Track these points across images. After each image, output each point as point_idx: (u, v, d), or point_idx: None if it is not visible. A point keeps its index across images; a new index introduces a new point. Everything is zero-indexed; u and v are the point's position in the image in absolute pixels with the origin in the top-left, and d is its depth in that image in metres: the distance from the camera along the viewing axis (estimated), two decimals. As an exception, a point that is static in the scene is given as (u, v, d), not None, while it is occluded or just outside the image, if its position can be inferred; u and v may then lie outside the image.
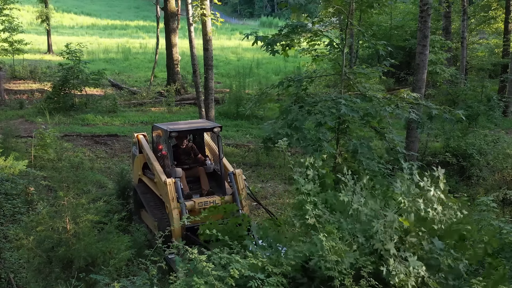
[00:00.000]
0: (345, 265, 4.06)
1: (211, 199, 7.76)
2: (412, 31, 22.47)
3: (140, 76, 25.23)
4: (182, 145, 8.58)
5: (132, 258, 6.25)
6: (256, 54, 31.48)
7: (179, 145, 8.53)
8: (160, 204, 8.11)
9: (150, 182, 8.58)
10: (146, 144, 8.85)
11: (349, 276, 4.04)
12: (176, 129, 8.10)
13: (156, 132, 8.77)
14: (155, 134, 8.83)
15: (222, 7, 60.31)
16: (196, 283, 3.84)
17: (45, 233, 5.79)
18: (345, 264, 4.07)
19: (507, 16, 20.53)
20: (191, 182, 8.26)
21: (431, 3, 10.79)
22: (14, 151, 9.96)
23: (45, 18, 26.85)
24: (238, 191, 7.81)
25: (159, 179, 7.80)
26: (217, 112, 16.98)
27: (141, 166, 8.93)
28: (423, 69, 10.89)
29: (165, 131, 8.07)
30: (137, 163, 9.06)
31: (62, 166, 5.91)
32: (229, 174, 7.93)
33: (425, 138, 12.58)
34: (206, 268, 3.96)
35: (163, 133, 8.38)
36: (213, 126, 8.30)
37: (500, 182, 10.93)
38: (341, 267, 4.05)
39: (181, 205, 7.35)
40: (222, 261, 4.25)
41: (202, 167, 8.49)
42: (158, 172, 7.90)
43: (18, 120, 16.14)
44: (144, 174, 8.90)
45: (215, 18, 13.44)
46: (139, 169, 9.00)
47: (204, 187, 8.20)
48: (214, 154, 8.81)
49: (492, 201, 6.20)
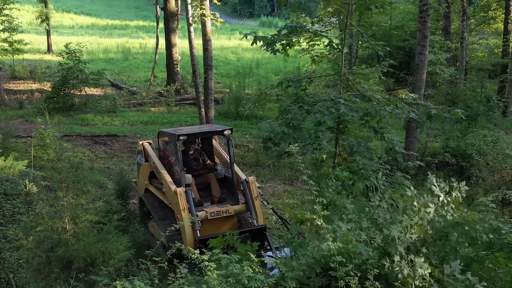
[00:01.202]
0: (350, 267, 4.05)
1: (223, 208, 7.37)
2: (411, 31, 22.49)
3: (140, 76, 25.24)
4: (190, 150, 8.18)
5: (131, 258, 6.26)
6: (256, 54, 31.49)
7: (187, 151, 8.08)
8: (170, 214, 7.71)
9: (157, 191, 8.18)
10: (152, 152, 8.46)
11: (354, 278, 4.03)
12: (185, 132, 7.66)
13: (163, 139, 8.38)
14: (161, 141, 8.42)
15: (222, 7, 60.33)
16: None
17: (45, 234, 5.79)
18: (351, 265, 4.06)
19: (506, 16, 20.54)
20: (201, 190, 7.86)
21: (430, 3, 10.81)
22: (13, 151, 9.95)
23: (44, 18, 26.87)
24: (252, 200, 7.44)
25: (168, 188, 7.38)
26: (217, 112, 16.99)
27: (147, 175, 8.53)
28: (423, 69, 10.91)
29: (173, 135, 7.65)
30: (143, 172, 8.64)
31: (61, 166, 5.90)
32: (242, 182, 7.55)
33: (425, 139, 12.58)
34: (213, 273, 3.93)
35: (170, 138, 7.97)
36: (223, 129, 7.84)
37: (500, 182, 10.93)
38: (347, 268, 4.04)
39: (193, 215, 6.93)
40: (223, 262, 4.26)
41: (212, 173, 8.10)
42: (166, 181, 7.50)
43: (18, 120, 16.14)
44: (150, 183, 8.49)
45: (214, 18, 13.44)
46: (145, 178, 8.58)
47: (215, 193, 7.81)
48: (223, 160, 8.45)
49: (491, 201, 6.19)
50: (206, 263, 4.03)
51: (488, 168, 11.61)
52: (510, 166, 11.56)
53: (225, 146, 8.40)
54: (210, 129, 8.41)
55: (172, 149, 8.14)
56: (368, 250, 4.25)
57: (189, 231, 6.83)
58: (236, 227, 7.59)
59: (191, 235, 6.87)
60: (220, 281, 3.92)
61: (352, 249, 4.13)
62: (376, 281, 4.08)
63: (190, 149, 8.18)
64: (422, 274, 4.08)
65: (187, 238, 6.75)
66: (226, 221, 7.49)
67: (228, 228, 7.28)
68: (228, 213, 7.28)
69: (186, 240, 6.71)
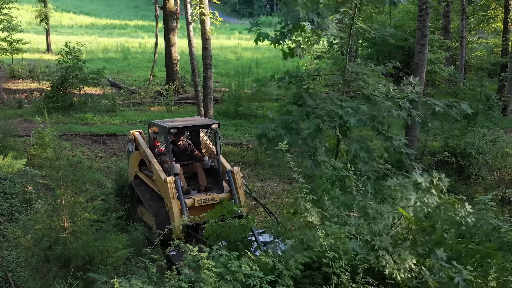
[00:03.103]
0: (342, 262, 4.10)
1: (209, 196, 7.83)
2: (411, 30, 22.48)
3: (139, 75, 25.22)
4: (179, 141, 8.62)
5: (129, 256, 6.25)
6: (255, 53, 31.47)
7: (176, 142, 8.56)
8: (156, 196, 8.17)
9: (147, 178, 8.61)
10: (142, 141, 8.85)
11: (346, 273, 4.07)
12: (175, 125, 8.14)
13: (153, 129, 8.80)
14: (151, 131, 8.85)
15: (221, 6, 60.21)
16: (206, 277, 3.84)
17: (43, 232, 5.78)
18: (343, 260, 4.10)
19: (506, 16, 20.53)
20: (188, 178, 8.31)
21: (430, 2, 10.78)
22: (12, 150, 9.91)
23: (44, 17, 26.85)
24: (236, 189, 7.88)
25: (158, 177, 7.83)
26: (216, 111, 16.97)
27: (137, 163, 8.95)
28: (422, 68, 10.89)
29: (164, 127, 8.08)
30: (134, 160, 9.06)
31: (60, 165, 5.90)
32: (227, 172, 8.01)
33: (424, 137, 12.57)
34: (207, 265, 3.95)
35: (161, 130, 8.40)
36: (211, 122, 8.36)
37: (499, 181, 10.93)
38: (339, 264, 4.09)
39: (181, 203, 7.40)
40: (222, 258, 4.25)
41: (199, 163, 8.56)
42: (157, 170, 7.93)
43: (17, 119, 16.12)
44: (140, 170, 8.91)
45: (214, 18, 13.43)
46: (135, 165, 9.00)
47: (201, 182, 8.27)
48: (210, 152, 8.86)
49: (491, 200, 6.18)
50: (204, 260, 4.01)
51: (487, 167, 11.59)
52: (510, 165, 11.54)
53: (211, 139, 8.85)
54: (199, 123, 8.81)
55: (161, 140, 8.58)
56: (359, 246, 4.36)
57: (177, 217, 7.24)
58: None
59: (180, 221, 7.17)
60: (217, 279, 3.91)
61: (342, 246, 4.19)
62: (367, 275, 4.16)
63: (179, 140, 8.62)
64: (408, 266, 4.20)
65: (176, 225, 7.01)
66: (211, 209, 7.77)
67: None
68: (214, 201, 7.71)
69: (175, 226, 6.94)
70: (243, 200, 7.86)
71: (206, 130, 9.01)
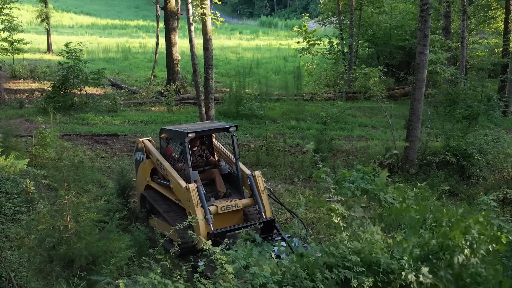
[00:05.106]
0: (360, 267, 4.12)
1: (232, 202, 7.55)
2: (412, 30, 22.48)
3: (140, 75, 25.22)
4: (194, 147, 8.27)
5: (132, 257, 6.26)
6: (256, 54, 31.49)
7: (192, 147, 8.17)
8: (174, 206, 7.86)
9: (161, 188, 8.23)
10: (153, 149, 8.49)
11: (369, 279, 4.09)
12: (192, 129, 7.77)
13: (165, 135, 8.43)
14: (162, 138, 8.49)
15: (222, 6, 60.33)
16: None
17: (46, 232, 5.78)
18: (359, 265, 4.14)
19: (507, 16, 20.53)
20: (206, 185, 7.98)
21: (431, 2, 10.80)
22: (14, 150, 9.94)
23: (44, 17, 26.84)
24: (259, 193, 7.62)
25: (178, 185, 7.48)
26: (217, 111, 16.97)
27: (149, 172, 8.57)
28: (423, 69, 10.91)
29: (181, 132, 7.72)
30: (144, 169, 8.67)
31: (63, 165, 5.90)
32: (249, 177, 7.74)
33: (425, 138, 12.58)
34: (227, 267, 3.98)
35: (177, 135, 8.04)
36: (229, 125, 8.03)
37: (500, 181, 10.94)
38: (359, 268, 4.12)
39: (205, 210, 7.12)
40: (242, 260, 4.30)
41: (216, 169, 8.25)
42: (175, 178, 7.60)
43: (18, 119, 16.13)
44: (152, 180, 8.55)
45: (215, 18, 13.43)
46: (147, 175, 8.61)
47: (220, 189, 7.97)
48: (224, 156, 8.56)
49: (492, 200, 6.19)
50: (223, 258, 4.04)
51: (488, 167, 11.60)
52: (511, 165, 11.56)
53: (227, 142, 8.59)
54: (215, 126, 8.43)
55: (176, 146, 8.24)
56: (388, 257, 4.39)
57: (202, 226, 7.00)
58: (242, 220, 7.81)
59: (205, 229, 7.05)
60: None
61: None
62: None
63: (194, 145, 8.29)
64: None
65: (201, 233, 6.88)
66: (233, 215, 7.70)
67: (235, 222, 7.60)
68: (237, 207, 7.51)
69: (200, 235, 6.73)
70: (266, 205, 7.61)
71: (218, 133, 8.67)
